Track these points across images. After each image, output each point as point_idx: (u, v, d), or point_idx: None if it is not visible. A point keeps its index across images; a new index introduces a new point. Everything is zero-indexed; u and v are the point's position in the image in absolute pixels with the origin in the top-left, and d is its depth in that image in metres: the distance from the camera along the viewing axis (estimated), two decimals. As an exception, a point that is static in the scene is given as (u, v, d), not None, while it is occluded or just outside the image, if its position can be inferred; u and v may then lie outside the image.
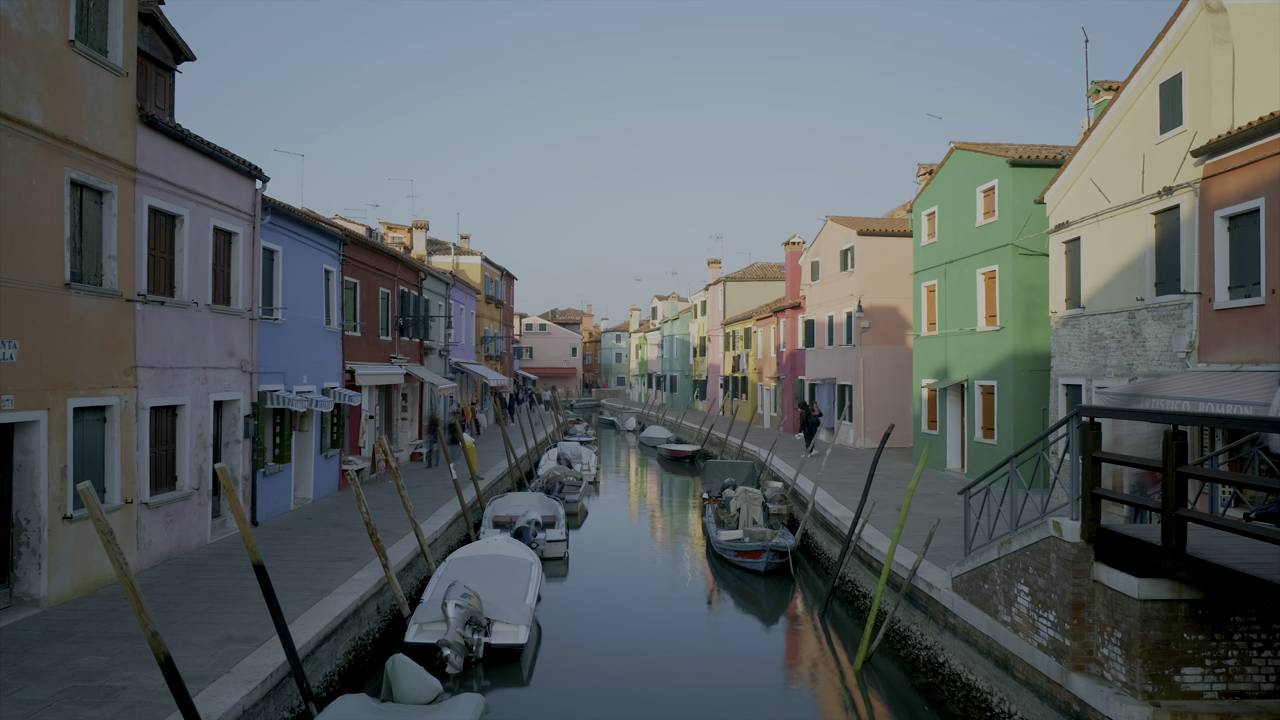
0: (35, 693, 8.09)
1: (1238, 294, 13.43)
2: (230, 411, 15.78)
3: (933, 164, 28.75)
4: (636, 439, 52.05)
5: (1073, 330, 18.26)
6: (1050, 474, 10.62)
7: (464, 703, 9.01)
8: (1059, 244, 18.89)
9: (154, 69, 14.57)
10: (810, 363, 36.71)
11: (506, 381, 47.10)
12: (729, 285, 54.34)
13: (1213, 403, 11.55)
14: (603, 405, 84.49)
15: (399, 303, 26.76)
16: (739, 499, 19.83)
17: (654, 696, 11.57)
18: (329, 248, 20.79)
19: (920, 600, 12.17)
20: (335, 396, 20.09)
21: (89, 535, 11.47)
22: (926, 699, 11.17)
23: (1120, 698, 7.70)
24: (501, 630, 12.21)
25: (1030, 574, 9.27)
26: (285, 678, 9.01)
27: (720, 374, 54.90)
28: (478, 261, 44.09)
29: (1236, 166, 13.32)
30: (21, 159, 10.42)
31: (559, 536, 18.88)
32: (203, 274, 14.67)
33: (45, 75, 10.84)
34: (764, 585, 16.94)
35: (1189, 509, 7.30)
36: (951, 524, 15.40)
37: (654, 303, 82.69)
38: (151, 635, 6.92)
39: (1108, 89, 18.31)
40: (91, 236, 11.94)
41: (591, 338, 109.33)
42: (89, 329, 11.70)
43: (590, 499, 28.14)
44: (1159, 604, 7.63)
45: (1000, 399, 21.22)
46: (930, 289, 25.88)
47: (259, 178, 16.35)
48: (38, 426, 10.72)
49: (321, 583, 12.26)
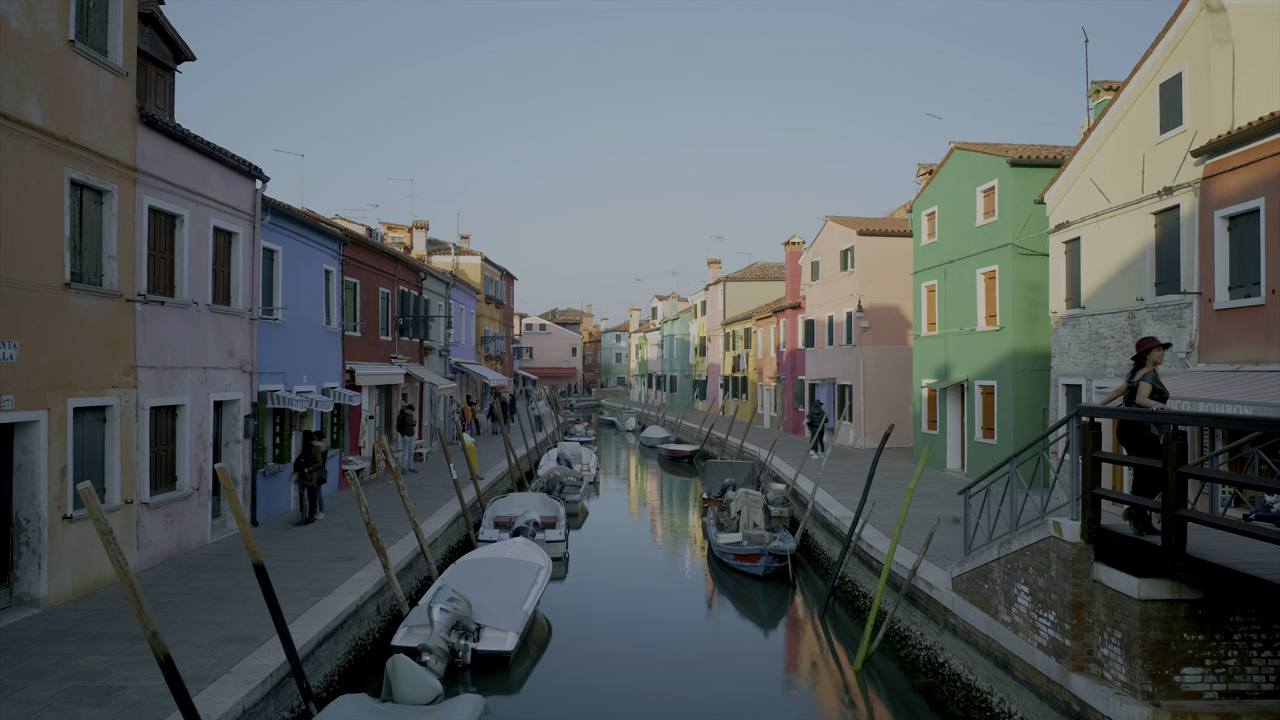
0: (35, 693, 8.09)
1: (1238, 294, 13.43)
2: (230, 411, 15.79)
3: (933, 164, 28.75)
4: (636, 439, 52.06)
5: (1073, 330, 18.25)
6: (1050, 474, 10.62)
7: (464, 703, 9.01)
8: (1059, 244, 18.89)
9: (154, 69, 14.57)
10: (810, 363, 36.72)
11: (506, 381, 47.09)
12: (729, 285, 54.34)
13: (1213, 403, 11.55)
14: (603, 405, 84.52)
15: (399, 303, 26.76)
16: (739, 501, 19.68)
17: (654, 696, 11.57)
18: (329, 248, 20.79)
19: (920, 600, 12.17)
20: (335, 396, 20.09)
21: (89, 535, 11.47)
22: (926, 699, 11.17)
23: (1120, 698, 7.70)
24: (490, 636, 12.01)
25: (1030, 574, 9.27)
26: (285, 678, 9.01)
27: (720, 374, 54.89)
28: (478, 261, 44.08)
29: (1236, 166, 13.32)
30: (21, 159, 10.42)
31: (559, 537, 18.88)
32: (203, 274, 14.68)
33: (45, 75, 10.84)
34: (763, 589, 16.86)
35: (1189, 509, 7.31)
36: (951, 524, 15.41)
37: (654, 303, 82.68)
38: (151, 635, 6.92)
39: (1108, 89, 18.31)
40: (91, 236, 11.94)
41: (591, 338, 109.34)
42: (89, 329, 11.70)
43: (590, 499, 28.14)
44: (1159, 604, 7.63)
45: (1000, 399, 21.22)
46: (930, 289, 25.88)
47: (259, 178, 16.35)
48: (38, 426, 10.73)
49: (321, 583, 12.27)
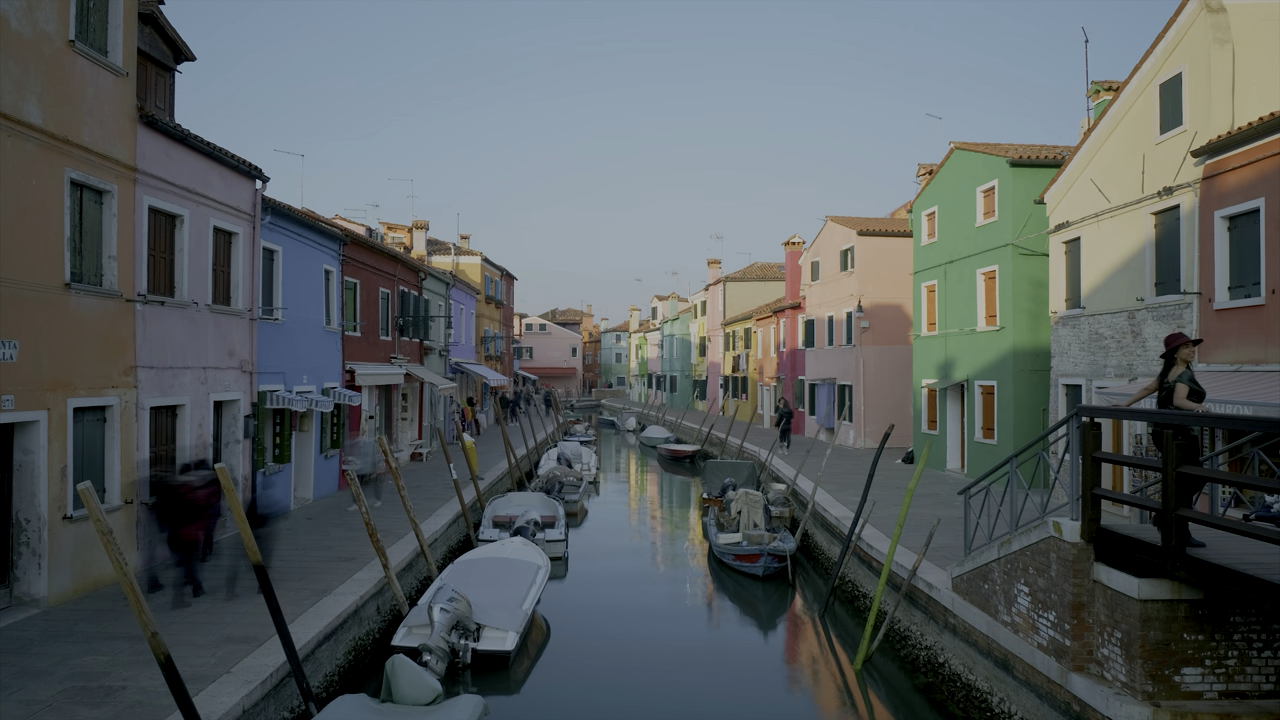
0: (35, 693, 8.09)
1: (1238, 294, 13.43)
2: (230, 411, 15.78)
3: (933, 164, 28.76)
4: (636, 439, 52.05)
5: (1073, 330, 18.25)
6: (1050, 474, 10.62)
7: (463, 704, 9.00)
8: (1059, 244, 18.89)
9: (154, 69, 14.57)
10: (810, 363, 36.71)
11: (506, 381, 47.09)
12: (729, 285, 54.34)
13: (1212, 403, 11.55)
14: (603, 405, 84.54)
15: (399, 303, 26.76)
16: (740, 501, 19.68)
17: (654, 696, 11.56)
18: (329, 248, 20.79)
19: (920, 600, 12.17)
20: (335, 396, 20.09)
21: (89, 535, 11.46)
22: (927, 699, 11.17)
23: (1120, 698, 7.70)
24: (490, 636, 12.02)
25: (1030, 574, 9.26)
26: (285, 678, 9.01)
27: (720, 374, 54.89)
28: (478, 261, 44.08)
29: (1236, 166, 13.32)
30: (21, 159, 10.42)
31: (559, 536, 18.88)
32: (203, 274, 14.67)
33: (45, 75, 10.84)
34: (762, 590, 16.86)
35: (1189, 509, 7.31)
36: (951, 524, 15.40)
37: (654, 303, 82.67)
38: (151, 635, 6.92)
39: (1108, 89, 18.31)
40: (91, 236, 11.94)
41: (591, 338, 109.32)
42: (89, 329, 11.70)
43: (590, 499, 28.13)
44: (1159, 604, 7.63)
45: (1000, 399, 21.21)
46: (930, 289, 25.88)
47: (259, 178, 16.35)
48: (38, 426, 10.72)
49: (321, 583, 12.27)
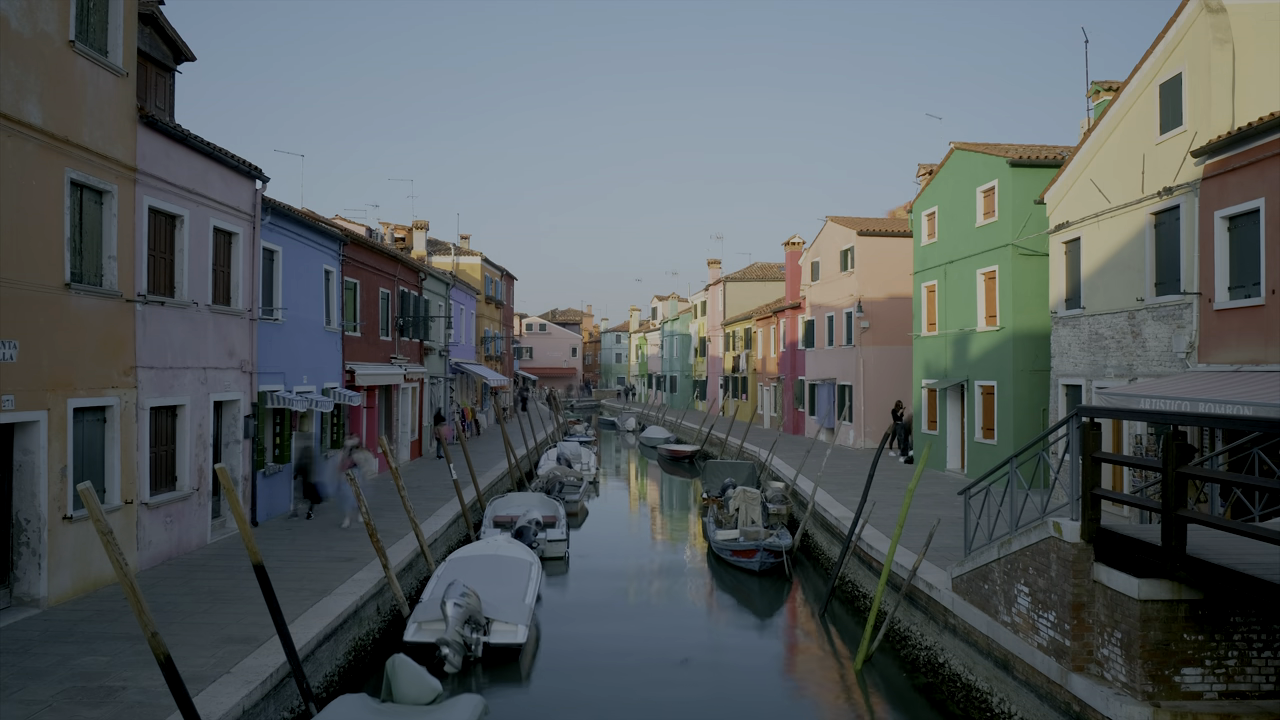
0: (35, 693, 8.10)
1: (1238, 294, 13.43)
2: (230, 412, 15.78)
3: (933, 164, 28.75)
4: (636, 439, 52.06)
5: (1073, 330, 18.25)
6: (1050, 474, 10.62)
7: (463, 703, 9.00)
8: (1059, 244, 18.89)
9: (154, 69, 14.57)
10: (810, 363, 36.71)
11: (506, 381, 47.07)
12: (729, 285, 54.33)
13: (1213, 403, 11.55)
14: (603, 405, 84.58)
15: (399, 303, 26.76)
16: (738, 499, 19.84)
17: (654, 696, 11.57)
18: (329, 248, 20.79)
19: (920, 600, 12.18)
20: (335, 397, 20.09)
21: (89, 535, 11.46)
22: (927, 699, 11.17)
23: (1120, 698, 7.70)
24: (501, 630, 12.25)
25: (1030, 574, 9.26)
26: (285, 678, 9.01)
27: (720, 374, 54.90)
28: (478, 261, 44.09)
29: (1236, 167, 13.32)
30: (21, 159, 10.42)
31: (559, 536, 18.90)
32: (203, 274, 14.67)
33: (45, 75, 10.84)
34: (759, 585, 16.96)
35: (1189, 509, 7.31)
36: (951, 524, 15.40)
37: (654, 303, 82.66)
38: (151, 635, 6.92)
39: (1108, 89, 18.31)
40: (91, 236, 11.94)
41: (591, 338, 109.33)
42: (89, 329, 11.70)
43: (590, 499, 28.14)
44: (1159, 604, 7.63)
45: (1000, 399, 21.22)
46: (930, 289, 25.88)
47: (259, 178, 16.35)
48: (38, 427, 10.72)
49: (321, 583, 12.27)
